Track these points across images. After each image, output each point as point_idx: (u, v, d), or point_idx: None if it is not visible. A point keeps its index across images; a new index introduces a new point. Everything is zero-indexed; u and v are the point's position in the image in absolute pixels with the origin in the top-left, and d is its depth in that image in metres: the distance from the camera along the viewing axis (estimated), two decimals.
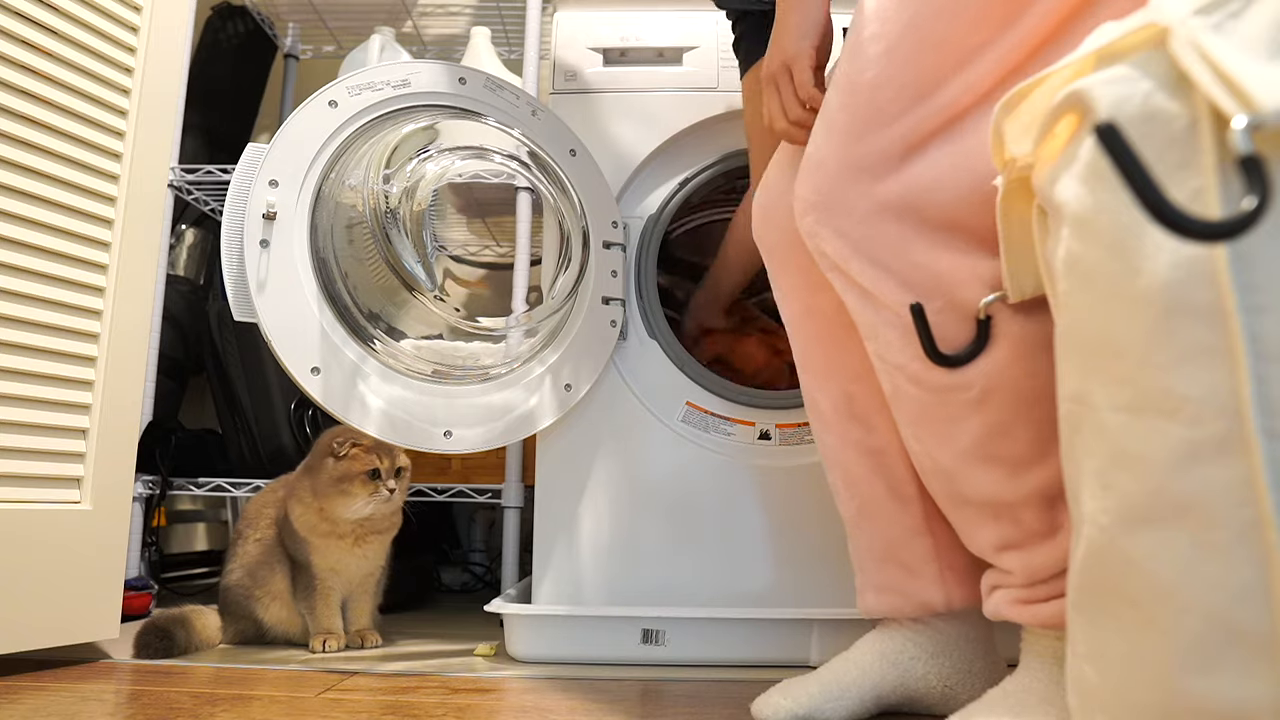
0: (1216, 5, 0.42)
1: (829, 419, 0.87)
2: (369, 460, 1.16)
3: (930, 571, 0.83)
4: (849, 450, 0.86)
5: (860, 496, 0.86)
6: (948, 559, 0.83)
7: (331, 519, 1.17)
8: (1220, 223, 0.37)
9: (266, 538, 1.22)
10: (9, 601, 0.96)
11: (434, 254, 1.32)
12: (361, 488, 1.15)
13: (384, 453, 1.17)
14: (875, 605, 0.85)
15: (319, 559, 1.18)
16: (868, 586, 0.86)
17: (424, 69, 1.13)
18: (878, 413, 0.84)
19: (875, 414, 0.84)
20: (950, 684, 0.83)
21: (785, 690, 0.82)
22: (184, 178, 1.61)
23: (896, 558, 0.84)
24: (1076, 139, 0.48)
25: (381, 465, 1.16)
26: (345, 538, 1.18)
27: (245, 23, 1.94)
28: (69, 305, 1.04)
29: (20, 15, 0.98)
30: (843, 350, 0.85)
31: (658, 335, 1.21)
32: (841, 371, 0.85)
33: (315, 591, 1.18)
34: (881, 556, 0.85)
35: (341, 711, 0.84)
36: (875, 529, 0.85)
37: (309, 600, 1.18)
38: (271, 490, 1.28)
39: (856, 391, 0.85)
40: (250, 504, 1.30)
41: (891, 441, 0.83)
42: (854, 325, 0.80)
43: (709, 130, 1.24)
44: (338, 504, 1.15)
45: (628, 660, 1.09)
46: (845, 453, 0.86)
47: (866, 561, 0.87)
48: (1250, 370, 0.39)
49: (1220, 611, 0.40)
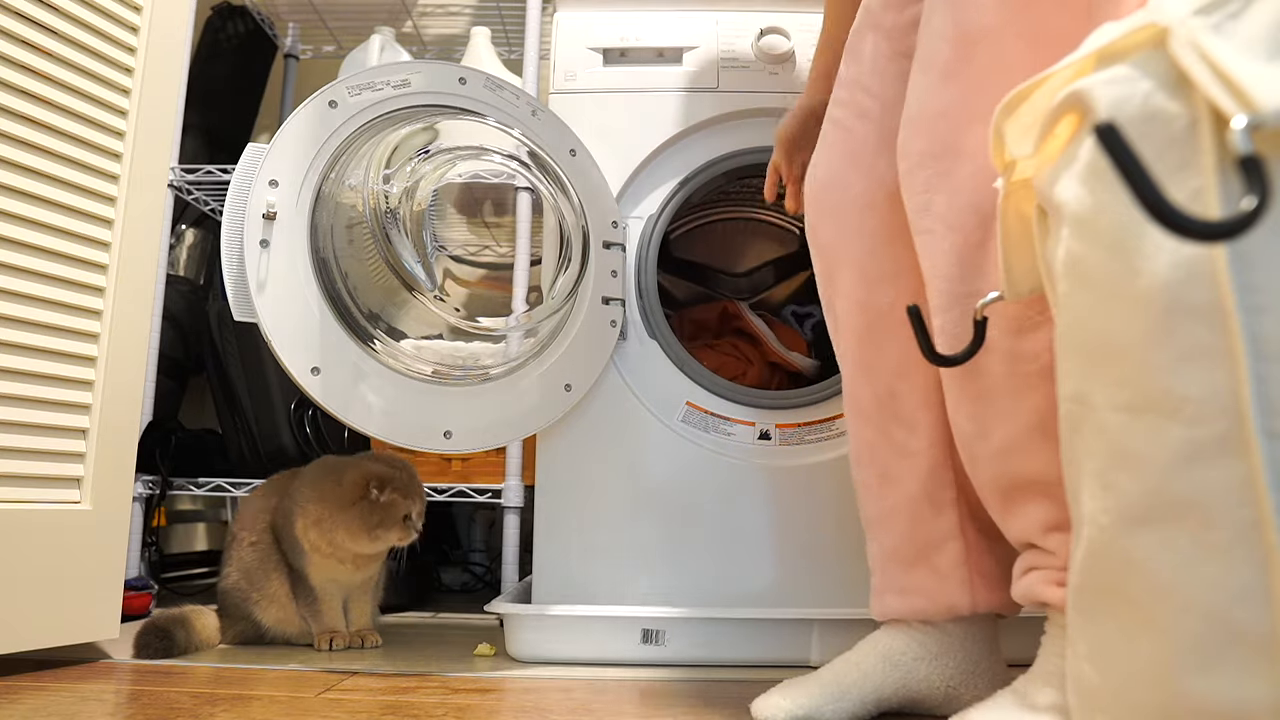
0: (1216, 5, 0.42)
1: (870, 414, 0.87)
2: (405, 506, 1.14)
3: (960, 575, 0.83)
4: (889, 450, 0.86)
5: (894, 497, 0.86)
6: (977, 564, 0.83)
7: (343, 548, 1.15)
8: (1220, 223, 0.37)
9: (262, 542, 1.22)
10: (9, 601, 0.96)
11: (434, 254, 1.32)
12: (393, 532, 1.14)
13: (415, 494, 1.16)
14: (899, 607, 0.85)
15: (316, 572, 1.17)
16: (889, 589, 0.86)
17: (424, 69, 1.13)
18: (921, 411, 0.84)
19: (918, 412, 0.84)
20: (953, 684, 0.83)
21: (785, 691, 0.82)
22: (184, 178, 1.61)
23: (928, 561, 0.84)
24: (1076, 139, 0.48)
25: (414, 510, 1.15)
26: (347, 562, 1.17)
27: (245, 23, 1.94)
28: (69, 305, 1.04)
29: (20, 15, 0.98)
30: (891, 346, 0.84)
31: (658, 335, 1.21)
32: (887, 367, 0.85)
33: (315, 595, 1.18)
34: (911, 560, 0.85)
35: (341, 711, 0.84)
36: (906, 531, 0.85)
37: (310, 603, 1.18)
38: (263, 495, 1.26)
39: (901, 389, 0.85)
40: (244, 506, 1.28)
41: (934, 443, 0.83)
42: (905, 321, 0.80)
43: (709, 130, 1.24)
44: (363, 544, 1.14)
45: (628, 660, 1.09)
46: (885, 452, 0.86)
47: (891, 564, 0.86)
48: (1250, 370, 0.39)
49: (1220, 611, 0.40)
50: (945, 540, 0.83)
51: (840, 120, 0.89)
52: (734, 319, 1.50)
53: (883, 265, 0.86)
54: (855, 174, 0.87)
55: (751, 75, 1.24)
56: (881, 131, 0.85)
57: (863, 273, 0.86)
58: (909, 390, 0.84)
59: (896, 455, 0.85)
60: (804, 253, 1.61)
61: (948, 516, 0.83)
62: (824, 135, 0.92)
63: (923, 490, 0.84)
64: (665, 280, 1.50)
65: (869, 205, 0.86)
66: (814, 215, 0.91)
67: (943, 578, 0.83)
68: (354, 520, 1.13)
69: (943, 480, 0.83)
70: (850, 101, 0.89)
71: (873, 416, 0.87)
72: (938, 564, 0.83)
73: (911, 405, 0.84)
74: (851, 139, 0.87)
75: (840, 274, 0.89)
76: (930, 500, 0.84)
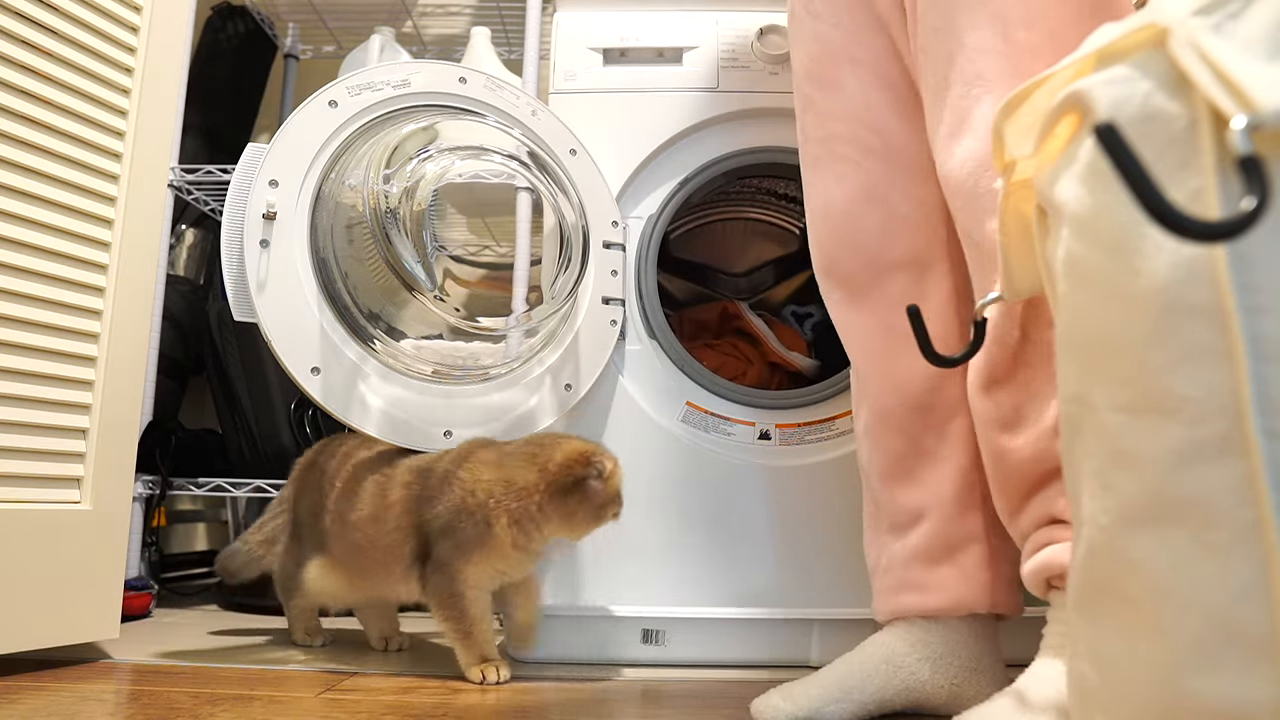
0: (1216, 6, 0.42)
1: (902, 426, 0.89)
2: (620, 474, 1.02)
3: (983, 577, 0.85)
4: (918, 457, 0.88)
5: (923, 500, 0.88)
6: (998, 566, 0.86)
7: (539, 540, 1.00)
8: (1220, 223, 0.37)
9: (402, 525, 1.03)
10: (9, 601, 0.96)
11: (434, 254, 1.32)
12: (613, 508, 1.01)
13: (613, 460, 1.02)
14: (916, 604, 0.87)
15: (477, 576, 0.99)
16: (908, 587, 0.87)
17: (424, 69, 1.13)
18: (952, 420, 0.87)
19: (949, 423, 0.87)
20: (956, 683, 0.83)
21: (785, 692, 0.82)
22: (184, 178, 1.61)
23: (953, 561, 0.86)
24: (1076, 139, 0.48)
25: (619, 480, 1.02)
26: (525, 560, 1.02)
27: (245, 23, 1.94)
28: (69, 305, 1.04)
29: (20, 15, 0.98)
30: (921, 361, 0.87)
31: (658, 335, 1.21)
32: (921, 380, 0.88)
33: (466, 608, 0.98)
34: (936, 559, 0.87)
35: (341, 711, 0.84)
36: (934, 532, 0.87)
37: (458, 619, 0.99)
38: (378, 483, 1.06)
39: (932, 402, 0.87)
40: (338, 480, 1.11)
41: (964, 449, 0.86)
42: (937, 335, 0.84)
43: (709, 130, 1.24)
44: (582, 530, 1.01)
45: (628, 660, 1.09)
46: (914, 460, 0.89)
47: (915, 563, 0.88)
48: (1250, 370, 0.39)
49: (1220, 611, 0.40)
50: (970, 541, 0.86)
51: (848, 157, 0.91)
52: (734, 319, 1.50)
53: (906, 290, 0.89)
54: (870, 208, 0.90)
55: (751, 75, 1.24)
56: (889, 167, 0.89)
57: (889, 297, 0.90)
58: (941, 403, 0.87)
59: (928, 462, 0.88)
60: (804, 253, 1.61)
61: (974, 519, 0.86)
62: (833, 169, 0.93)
63: (953, 493, 0.86)
64: (665, 280, 1.50)
65: (889, 236, 0.89)
66: (833, 247, 0.93)
67: (967, 578, 0.85)
68: (579, 502, 0.97)
69: (971, 483, 0.86)
70: (853, 138, 0.91)
71: (907, 428, 0.89)
72: (963, 564, 0.86)
73: (942, 416, 0.87)
74: (863, 173, 0.90)
75: (863, 302, 0.92)
76: (959, 502, 0.86)
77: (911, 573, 0.87)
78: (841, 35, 0.92)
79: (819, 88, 0.93)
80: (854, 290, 0.92)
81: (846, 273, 0.92)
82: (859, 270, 0.91)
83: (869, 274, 0.91)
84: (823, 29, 0.93)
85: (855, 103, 0.91)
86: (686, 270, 1.57)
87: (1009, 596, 0.86)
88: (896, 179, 0.89)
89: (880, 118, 0.90)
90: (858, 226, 0.91)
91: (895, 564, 0.89)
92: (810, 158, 0.95)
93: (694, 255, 1.60)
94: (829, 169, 0.93)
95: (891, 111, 0.89)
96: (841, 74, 0.92)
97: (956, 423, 0.87)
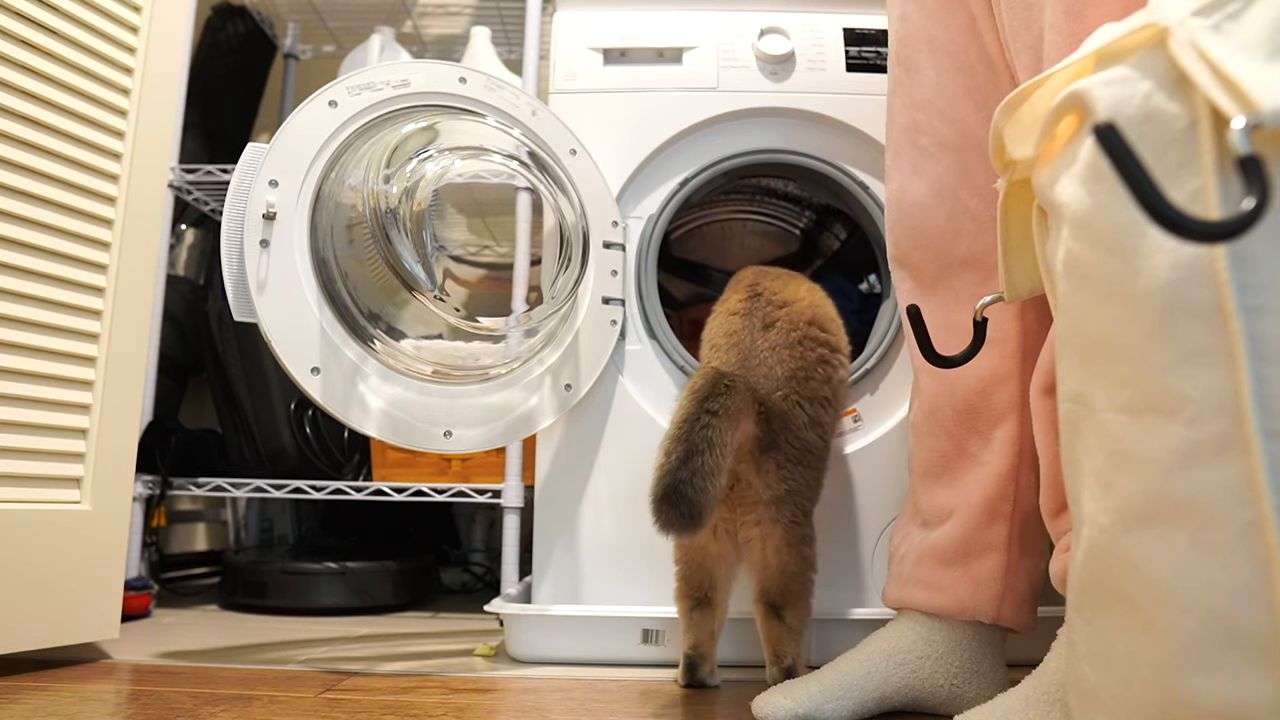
0: (1215, 6, 0.42)
1: (949, 427, 0.89)
2: None
3: (994, 589, 0.85)
4: (961, 458, 0.88)
5: (954, 500, 0.88)
6: (1012, 580, 0.85)
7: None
8: (1219, 223, 0.37)
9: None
10: (9, 601, 0.96)
11: (434, 254, 1.32)
12: None
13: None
14: (921, 599, 0.87)
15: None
16: (917, 581, 0.88)
17: (424, 69, 1.13)
18: (997, 426, 0.87)
19: (994, 428, 0.87)
20: (957, 683, 0.83)
21: (786, 689, 0.82)
22: (184, 178, 1.61)
23: (966, 566, 0.86)
24: (1076, 140, 0.48)
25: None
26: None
27: (245, 23, 1.94)
28: (69, 305, 1.04)
29: (20, 15, 0.98)
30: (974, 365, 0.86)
31: (658, 335, 1.21)
32: (971, 382, 0.88)
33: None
34: (950, 560, 0.87)
35: (341, 711, 0.84)
36: (956, 533, 0.87)
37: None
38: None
39: (980, 405, 0.87)
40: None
41: (1005, 455, 0.86)
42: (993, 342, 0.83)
43: (709, 130, 1.24)
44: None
45: (628, 660, 1.09)
46: (956, 460, 0.89)
47: (929, 558, 0.88)
48: (1250, 370, 0.39)
49: (1219, 612, 0.40)
50: (989, 551, 0.86)
51: (925, 147, 0.91)
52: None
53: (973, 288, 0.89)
54: (940, 204, 0.90)
55: (751, 75, 1.24)
56: (961, 160, 0.89)
57: (955, 294, 0.90)
58: (987, 407, 0.87)
59: (968, 464, 0.88)
60: (804, 253, 1.61)
61: (998, 530, 0.86)
62: (911, 159, 0.92)
63: (983, 500, 0.86)
64: (665, 280, 1.50)
65: (956, 233, 0.89)
66: (904, 238, 0.93)
67: (977, 585, 0.85)
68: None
69: (1005, 492, 0.86)
70: (930, 128, 0.90)
71: (952, 430, 0.89)
72: (976, 571, 0.85)
73: (989, 421, 0.87)
74: (937, 167, 0.90)
75: (930, 296, 0.92)
76: (987, 511, 0.86)
77: (924, 569, 0.88)
78: (921, 13, 0.91)
79: (904, 70, 0.93)
80: (922, 283, 0.93)
81: (915, 264, 0.93)
82: (927, 264, 0.92)
83: (936, 269, 0.91)
84: (908, 7, 0.93)
85: (932, 89, 0.90)
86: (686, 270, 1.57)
87: (1018, 612, 0.85)
88: (968, 174, 0.88)
89: (955, 105, 0.89)
90: (928, 222, 0.91)
91: (912, 556, 0.89)
92: (893, 144, 0.95)
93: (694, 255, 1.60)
94: (907, 158, 0.93)
95: (967, 99, 0.88)
96: (920, 56, 0.91)
97: (1002, 429, 0.87)
